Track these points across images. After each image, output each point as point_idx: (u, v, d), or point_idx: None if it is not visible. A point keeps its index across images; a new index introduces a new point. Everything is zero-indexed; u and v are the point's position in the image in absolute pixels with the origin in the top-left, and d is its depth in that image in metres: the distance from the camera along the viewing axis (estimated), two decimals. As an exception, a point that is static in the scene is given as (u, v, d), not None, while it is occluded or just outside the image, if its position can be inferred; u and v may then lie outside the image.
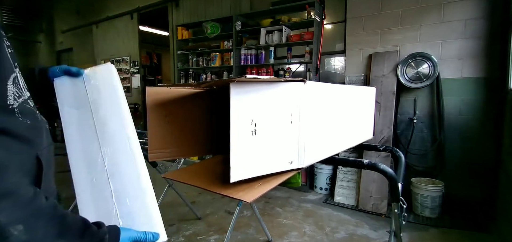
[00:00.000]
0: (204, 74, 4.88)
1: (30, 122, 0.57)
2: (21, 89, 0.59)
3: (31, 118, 0.58)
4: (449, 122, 2.99)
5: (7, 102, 0.53)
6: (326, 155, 1.17)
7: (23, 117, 0.56)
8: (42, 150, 0.60)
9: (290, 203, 3.29)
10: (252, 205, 2.43)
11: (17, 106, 0.55)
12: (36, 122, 0.60)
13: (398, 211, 1.29)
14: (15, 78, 0.55)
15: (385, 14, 3.27)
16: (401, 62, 3.11)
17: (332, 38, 3.88)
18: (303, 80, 0.94)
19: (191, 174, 1.15)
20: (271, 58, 3.99)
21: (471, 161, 2.91)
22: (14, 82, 0.55)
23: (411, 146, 3.16)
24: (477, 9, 2.82)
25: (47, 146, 0.63)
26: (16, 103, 0.55)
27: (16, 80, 0.56)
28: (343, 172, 3.40)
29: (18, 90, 0.56)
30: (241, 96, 0.83)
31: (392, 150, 1.70)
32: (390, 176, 1.20)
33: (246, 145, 0.86)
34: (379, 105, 3.17)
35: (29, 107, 0.60)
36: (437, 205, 2.83)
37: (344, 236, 2.55)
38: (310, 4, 3.56)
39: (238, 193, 0.86)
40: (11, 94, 0.54)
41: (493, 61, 2.78)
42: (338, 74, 3.83)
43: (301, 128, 0.96)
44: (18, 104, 0.55)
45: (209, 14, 4.85)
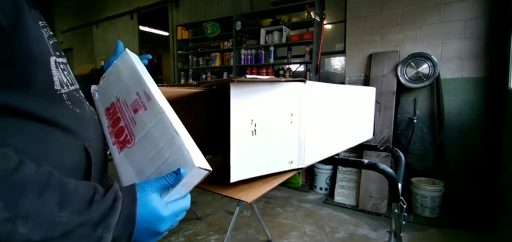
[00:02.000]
0: (204, 74, 4.88)
1: (79, 111, 0.56)
2: (72, 78, 0.58)
3: (80, 108, 0.57)
4: (449, 121, 2.99)
5: (54, 87, 0.51)
6: (326, 155, 1.17)
7: (73, 105, 0.55)
8: (91, 142, 0.56)
9: (290, 203, 3.29)
10: (252, 205, 2.43)
11: (66, 93, 0.53)
12: (84, 112, 0.59)
13: (398, 211, 1.29)
14: (57, 63, 0.53)
15: (385, 14, 3.27)
16: (401, 62, 3.11)
17: (332, 38, 3.88)
18: (303, 80, 0.94)
19: (191, 174, 1.15)
20: (271, 58, 3.99)
21: (471, 161, 2.91)
22: (57, 67, 0.52)
23: (411, 146, 3.16)
24: (477, 9, 2.82)
25: (96, 138, 0.60)
26: (63, 89, 0.53)
27: (59, 66, 0.53)
28: (343, 172, 3.40)
29: (66, 76, 0.55)
30: (241, 96, 0.83)
31: (392, 150, 1.70)
32: (390, 176, 1.20)
33: (246, 145, 0.86)
34: (379, 105, 3.17)
35: (78, 97, 0.59)
36: (437, 205, 2.83)
37: (344, 236, 2.55)
38: (310, 4, 3.55)
39: (238, 193, 0.86)
40: (56, 79, 0.51)
41: (493, 61, 2.78)
42: (338, 74, 3.83)
43: (301, 127, 0.96)
44: (66, 92, 0.54)
45: (209, 14, 4.85)
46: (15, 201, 0.36)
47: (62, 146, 0.50)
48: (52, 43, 0.53)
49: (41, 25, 0.52)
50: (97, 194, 0.43)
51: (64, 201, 0.39)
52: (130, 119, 0.61)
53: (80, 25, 7.33)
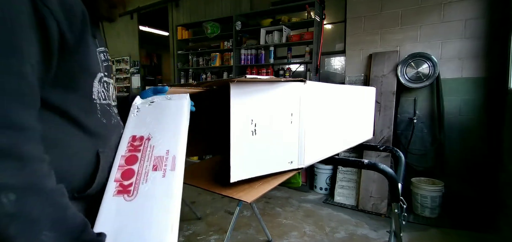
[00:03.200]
0: (204, 74, 4.88)
1: (105, 121, 0.63)
2: (109, 95, 0.67)
3: (108, 119, 0.65)
4: (449, 121, 2.99)
5: (92, 96, 0.60)
6: (326, 155, 1.17)
7: (102, 115, 0.62)
8: (105, 149, 0.62)
9: (290, 203, 3.29)
10: (252, 205, 2.43)
11: (99, 104, 0.62)
12: (110, 123, 0.65)
13: (398, 211, 1.29)
14: (102, 79, 0.62)
15: (385, 14, 3.27)
16: (401, 62, 3.11)
17: (332, 38, 3.88)
18: (303, 80, 0.94)
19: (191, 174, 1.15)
20: (271, 58, 3.99)
21: (471, 161, 2.90)
22: (100, 82, 0.62)
23: (411, 146, 3.16)
24: (477, 9, 2.82)
25: (112, 148, 0.65)
26: (99, 101, 0.62)
27: (103, 83, 0.63)
28: (343, 172, 3.40)
29: (104, 92, 0.64)
30: (241, 96, 0.83)
31: (392, 150, 1.70)
32: (390, 176, 1.20)
33: (246, 145, 0.86)
34: (379, 105, 3.17)
35: (109, 110, 0.66)
36: (437, 205, 2.83)
37: (344, 236, 2.55)
38: (310, 4, 3.55)
39: (238, 193, 0.86)
40: (95, 90, 0.61)
41: (493, 61, 2.78)
42: (338, 74, 3.83)
43: (301, 128, 0.96)
44: (100, 103, 0.63)
45: (209, 14, 4.85)
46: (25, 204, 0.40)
47: (81, 144, 0.57)
48: (105, 65, 0.64)
49: (100, 51, 0.63)
50: (86, 233, 0.48)
51: (56, 224, 0.43)
52: (145, 171, 0.59)
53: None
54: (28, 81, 0.44)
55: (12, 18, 0.43)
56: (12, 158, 0.39)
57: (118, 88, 6.78)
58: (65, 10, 0.50)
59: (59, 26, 0.49)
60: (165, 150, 0.61)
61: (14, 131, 0.41)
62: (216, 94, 1.32)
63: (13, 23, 0.43)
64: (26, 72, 0.44)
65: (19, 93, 0.43)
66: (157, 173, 0.58)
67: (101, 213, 0.55)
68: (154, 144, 0.63)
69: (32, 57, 0.45)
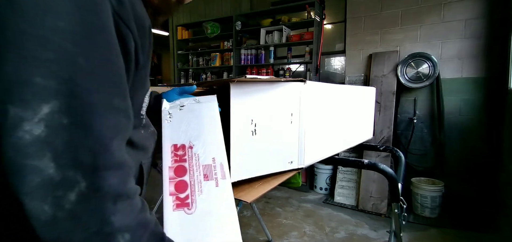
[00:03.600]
0: (204, 74, 4.88)
1: (144, 132, 0.61)
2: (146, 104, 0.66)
3: (146, 130, 0.62)
4: (449, 121, 2.99)
5: (141, 112, 0.58)
6: (326, 155, 1.17)
7: (143, 127, 0.60)
8: (146, 160, 0.60)
9: (290, 203, 3.29)
10: (252, 205, 2.43)
11: (144, 117, 0.60)
12: (147, 133, 0.63)
13: (398, 211, 1.29)
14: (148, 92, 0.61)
15: (385, 14, 3.27)
16: (401, 62, 3.11)
17: (332, 38, 3.88)
18: (303, 80, 0.94)
19: (191, 174, 1.15)
20: (271, 58, 3.99)
21: (471, 161, 2.90)
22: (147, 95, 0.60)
23: (411, 146, 3.16)
24: (477, 9, 2.82)
25: (150, 157, 0.64)
26: (144, 114, 0.60)
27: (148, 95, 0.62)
28: (343, 172, 3.40)
29: (145, 104, 0.61)
30: (241, 96, 0.83)
31: (392, 150, 1.70)
32: (390, 176, 1.20)
33: (246, 145, 0.86)
34: (379, 105, 3.17)
35: (147, 120, 0.64)
36: (437, 205, 2.83)
37: (344, 236, 2.55)
38: (310, 4, 3.55)
39: (238, 193, 0.86)
40: (144, 105, 0.59)
41: (493, 61, 2.78)
42: (338, 74, 3.83)
43: (301, 127, 0.96)
44: (144, 116, 0.61)
45: (209, 14, 4.85)
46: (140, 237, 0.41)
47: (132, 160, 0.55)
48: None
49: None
50: None
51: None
52: (197, 182, 0.59)
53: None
54: (128, 114, 0.42)
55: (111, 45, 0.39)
56: (123, 198, 0.39)
57: (118, 88, 6.77)
58: (139, 28, 0.45)
59: (136, 48, 0.45)
60: (211, 158, 0.62)
61: (122, 170, 0.39)
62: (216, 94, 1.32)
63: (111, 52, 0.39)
64: (127, 106, 0.42)
65: (120, 129, 0.41)
66: (209, 182, 0.59)
67: (166, 230, 0.55)
68: (198, 152, 0.63)
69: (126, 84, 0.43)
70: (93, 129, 0.36)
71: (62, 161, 0.34)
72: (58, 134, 0.34)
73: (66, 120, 0.34)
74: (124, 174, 0.40)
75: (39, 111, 0.33)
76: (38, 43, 0.33)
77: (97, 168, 0.36)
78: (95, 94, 0.37)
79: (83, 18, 0.36)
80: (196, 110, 0.71)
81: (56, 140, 0.34)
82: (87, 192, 0.35)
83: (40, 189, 0.33)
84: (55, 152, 0.34)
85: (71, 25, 0.35)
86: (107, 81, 0.39)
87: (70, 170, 0.34)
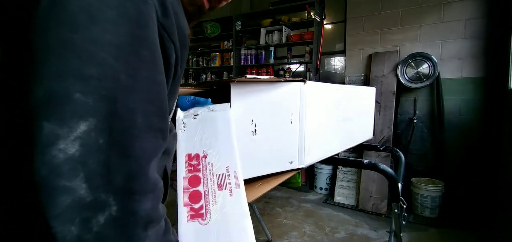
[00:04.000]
0: (204, 74, 4.88)
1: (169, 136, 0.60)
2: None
3: (171, 133, 0.60)
4: (449, 121, 2.99)
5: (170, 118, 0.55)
6: (326, 155, 1.17)
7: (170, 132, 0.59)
8: (169, 162, 0.57)
9: (290, 203, 3.29)
10: (252, 205, 2.43)
11: (171, 120, 0.57)
12: (171, 136, 0.60)
13: (398, 211, 1.29)
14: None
15: (385, 14, 3.27)
16: (401, 62, 3.11)
17: (332, 38, 3.88)
18: (303, 80, 0.94)
19: (191, 174, 1.15)
20: (271, 58, 3.99)
21: (471, 160, 2.90)
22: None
23: (411, 146, 3.16)
24: (477, 9, 2.82)
25: (172, 159, 0.61)
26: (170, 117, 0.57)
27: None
28: (343, 172, 3.40)
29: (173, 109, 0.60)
30: (241, 97, 0.83)
31: (392, 150, 1.70)
32: (390, 176, 1.20)
33: (246, 145, 0.86)
34: (379, 105, 3.17)
35: (171, 123, 0.61)
36: (437, 205, 2.83)
37: (344, 236, 2.55)
38: (310, 4, 3.56)
39: (238, 193, 0.86)
40: (172, 112, 0.56)
41: (493, 61, 2.78)
42: (338, 74, 3.83)
43: (301, 127, 0.96)
44: (170, 118, 0.57)
45: (209, 14, 4.84)
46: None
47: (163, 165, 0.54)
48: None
49: None
50: None
51: None
52: (211, 191, 0.59)
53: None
54: (165, 135, 0.40)
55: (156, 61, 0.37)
56: (154, 223, 0.37)
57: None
58: (181, 39, 0.43)
59: (176, 60, 0.43)
60: (225, 167, 0.61)
61: (154, 193, 0.37)
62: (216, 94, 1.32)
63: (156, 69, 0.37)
64: (166, 126, 0.40)
65: (158, 150, 0.38)
66: (223, 192, 0.59)
67: (181, 241, 0.54)
68: (212, 161, 0.62)
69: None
70: (130, 151, 0.34)
71: (95, 183, 0.32)
72: (93, 154, 0.32)
73: (102, 139, 0.32)
74: (156, 197, 0.38)
75: (76, 129, 0.31)
76: (81, 56, 0.31)
77: (132, 192, 0.34)
78: (135, 114, 0.35)
79: (130, 31, 0.34)
80: (210, 119, 0.71)
81: (91, 160, 0.32)
82: (118, 216, 0.33)
83: (69, 210, 0.31)
84: (88, 172, 0.31)
85: (117, 38, 0.33)
86: (149, 101, 0.36)
87: (102, 192, 0.32)
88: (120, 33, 0.33)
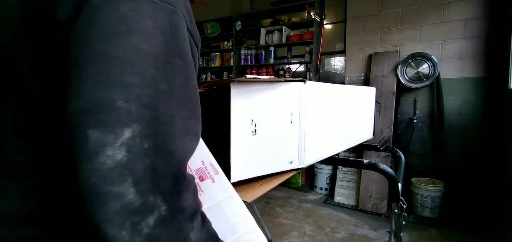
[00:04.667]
0: (204, 74, 4.88)
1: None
2: None
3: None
4: (449, 121, 2.99)
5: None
6: (326, 155, 1.17)
7: None
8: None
9: (290, 203, 3.29)
10: (252, 205, 2.43)
11: None
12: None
13: (398, 211, 1.29)
14: None
15: (385, 14, 3.27)
16: (401, 62, 3.11)
17: (332, 38, 3.88)
18: (303, 80, 0.94)
19: (191, 174, 1.15)
20: (271, 58, 3.99)
21: (471, 161, 2.90)
22: None
23: (411, 146, 3.16)
24: (477, 9, 2.82)
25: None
26: None
27: None
28: (343, 172, 3.40)
29: None
30: (241, 96, 0.83)
31: (392, 150, 1.70)
32: (390, 176, 1.20)
33: (246, 145, 0.86)
34: (379, 105, 3.17)
35: None
36: (437, 205, 2.83)
37: (344, 236, 2.55)
38: (310, 4, 3.56)
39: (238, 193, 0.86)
40: None
41: (493, 61, 2.78)
42: (338, 74, 3.83)
43: (301, 127, 0.96)
44: None
45: (209, 14, 4.85)
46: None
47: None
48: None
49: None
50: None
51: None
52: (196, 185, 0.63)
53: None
54: (198, 136, 0.43)
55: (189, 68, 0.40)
56: (197, 214, 0.39)
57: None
58: (198, 42, 0.46)
59: (195, 61, 0.45)
60: (200, 161, 0.63)
61: (192, 186, 0.39)
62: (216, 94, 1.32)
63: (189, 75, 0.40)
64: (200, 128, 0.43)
65: (193, 150, 0.41)
66: (206, 181, 0.61)
67: None
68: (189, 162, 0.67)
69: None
70: (173, 154, 0.36)
71: (143, 187, 0.33)
72: (140, 158, 0.33)
73: (147, 144, 0.33)
74: (194, 190, 0.40)
75: (121, 135, 0.32)
76: (121, 66, 0.33)
77: (178, 191, 0.36)
78: (174, 119, 0.37)
79: (165, 42, 0.36)
80: None
81: (137, 164, 0.33)
82: (167, 216, 0.34)
83: (119, 215, 0.32)
84: (136, 177, 0.33)
85: (154, 49, 0.35)
86: (185, 105, 0.39)
87: (150, 195, 0.33)
88: (156, 43, 0.35)
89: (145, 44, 0.34)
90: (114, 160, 0.32)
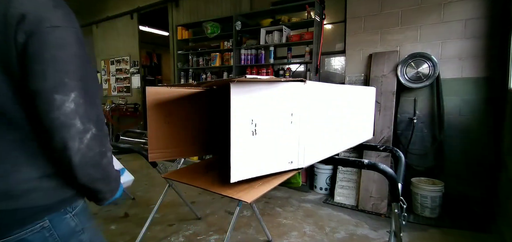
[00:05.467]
0: (204, 74, 4.88)
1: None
2: None
3: None
4: (449, 121, 2.99)
5: None
6: (326, 155, 1.17)
7: None
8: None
9: (290, 203, 3.29)
10: (252, 205, 2.43)
11: None
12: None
13: (398, 211, 1.29)
14: None
15: (385, 14, 3.27)
16: (401, 62, 3.11)
17: (332, 38, 3.88)
18: (303, 80, 0.94)
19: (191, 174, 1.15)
20: (271, 58, 3.99)
21: (471, 161, 2.90)
22: None
23: (411, 146, 3.16)
24: (477, 9, 2.82)
25: None
26: None
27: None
28: (343, 172, 3.40)
29: None
30: (241, 96, 0.83)
31: (392, 150, 1.70)
32: (390, 176, 1.20)
33: (246, 145, 0.86)
34: (379, 105, 3.17)
35: None
36: (437, 205, 2.83)
37: (344, 236, 2.55)
38: (310, 4, 3.55)
39: (238, 193, 0.86)
40: None
41: (493, 61, 2.78)
42: (338, 74, 3.83)
43: (301, 127, 0.96)
44: None
45: (209, 14, 4.85)
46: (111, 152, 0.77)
47: None
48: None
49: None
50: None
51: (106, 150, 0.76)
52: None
53: (80, 25, 7.29)
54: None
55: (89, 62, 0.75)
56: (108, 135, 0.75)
57: (118, 88, 6.78)
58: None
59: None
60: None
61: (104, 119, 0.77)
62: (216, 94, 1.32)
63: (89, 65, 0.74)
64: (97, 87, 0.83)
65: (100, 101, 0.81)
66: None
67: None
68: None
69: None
70: (96, 103, 0.71)
71: (83, 119, 0.65)
72: (80, 106, 0.65)
73: (82, 100, 0.66)
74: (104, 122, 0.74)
75: (71, 96, 0.64)
76: (65, 62, 0.64)
77: (101, 121, 0.71)
78: (92, 84, 0.70)
79: (80, 47, 0.68)
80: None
81: (80, 109, 0.65)
82: (96, 133, 0.68)
83: (74, 133, 0.64)
84: (80, 115, 0.65)
85: (77, 51, 0.67)
86: (93, 78, 0.74)
87: (87, 123, 0.66)
88: (79, 50, 0.67)
89: (74, 49, 0.66)
90: (70, 108, 0.63)
